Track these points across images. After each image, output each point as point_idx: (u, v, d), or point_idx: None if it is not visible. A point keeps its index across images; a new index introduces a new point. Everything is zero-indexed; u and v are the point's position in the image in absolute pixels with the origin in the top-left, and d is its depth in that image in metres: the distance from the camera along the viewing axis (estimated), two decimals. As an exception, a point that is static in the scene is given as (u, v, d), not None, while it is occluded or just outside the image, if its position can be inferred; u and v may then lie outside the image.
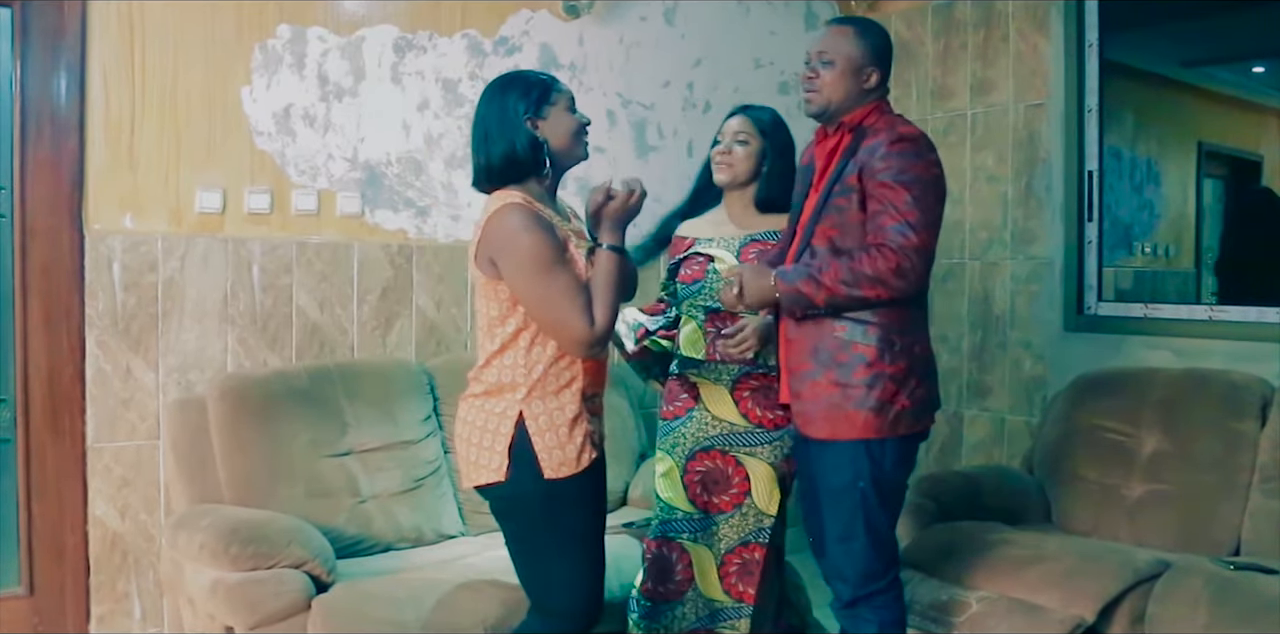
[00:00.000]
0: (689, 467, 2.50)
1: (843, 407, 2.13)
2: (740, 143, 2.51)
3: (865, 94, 2.20)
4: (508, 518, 2.10)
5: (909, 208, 2.06)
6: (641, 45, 3.80)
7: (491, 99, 2.07)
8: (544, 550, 2.07)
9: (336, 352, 3.22)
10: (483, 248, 2.00)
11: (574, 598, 2.08)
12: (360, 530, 2.82)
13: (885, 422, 2.12)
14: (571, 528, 2.06)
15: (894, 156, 2.09)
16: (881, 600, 2.22)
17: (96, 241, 2.88)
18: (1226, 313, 3.13)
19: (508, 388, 2.02)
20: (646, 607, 2.51)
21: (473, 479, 2.07)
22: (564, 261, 1.98)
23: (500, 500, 2.09)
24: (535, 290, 1.96)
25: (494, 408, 2.03)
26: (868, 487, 2.15)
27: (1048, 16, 3.55)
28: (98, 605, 2.91)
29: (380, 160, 3.30)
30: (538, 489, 2.01)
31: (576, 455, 2.03)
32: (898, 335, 2.13)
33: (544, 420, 2.01)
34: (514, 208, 1.98)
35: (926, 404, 2.18)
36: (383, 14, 3.29)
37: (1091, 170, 3.46)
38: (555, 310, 1.96)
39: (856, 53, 2.18)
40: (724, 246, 2.52)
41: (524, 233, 1.94)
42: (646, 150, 3.82)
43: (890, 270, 2.05)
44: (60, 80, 2.82)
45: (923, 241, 2.06)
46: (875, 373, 2.11)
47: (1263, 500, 2.67)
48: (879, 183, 2.09)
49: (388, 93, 3.31)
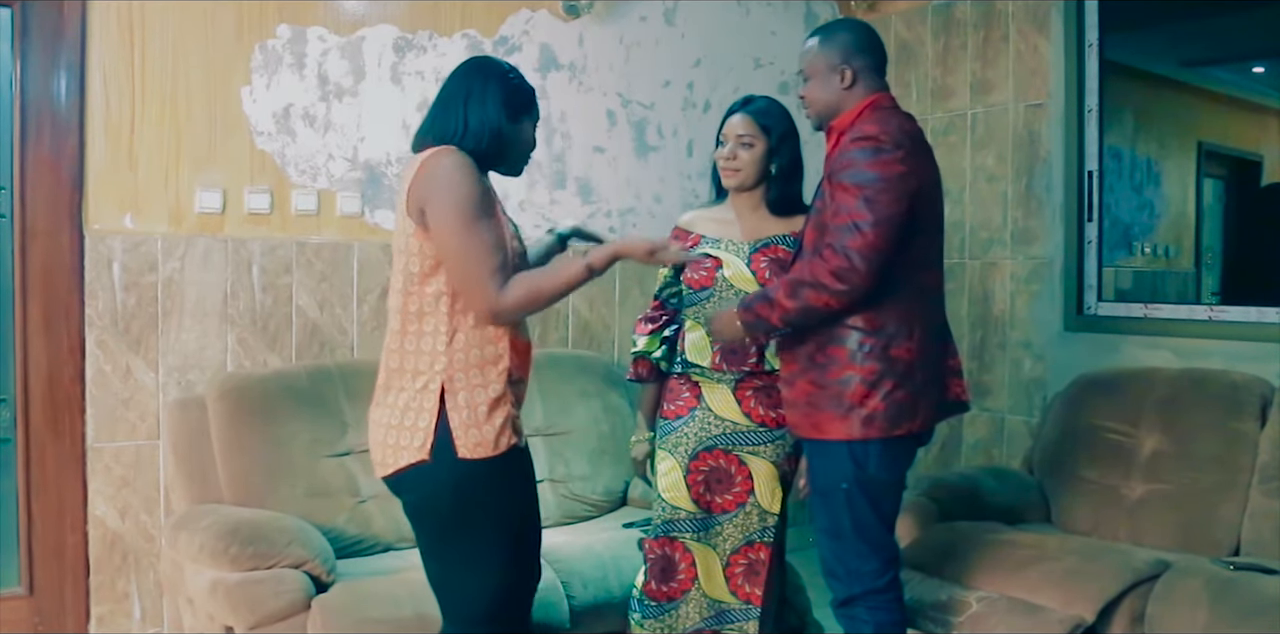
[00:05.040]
0: (692, 466, 2.50)
1: (818, 407, 2.16)
2: (745, 146, 2.45)
3: (849, 93, 2.21)
4: (424, 515, 1.95)
5: (858, 209, 2.04)
6: (641, 45, 3.80)
7: (473, 77, 2.00)
8: (456, 543, 1.92)
9: (336, 351, 3.22)
10: (414, 194, 1.89)
11: (486, 603, 1.94)
12: (360, 530, 2.82)
13: (854, 423, 2.12)
14: (485, 520, 1.91)
15: (850, 156, 2.09)
16: (877, 601, 2.22)
17: (96, 242, 2.88)
18: (1226, 313, 3.13)
19: (425, 362, 1.90)
20: (650, 606, 2.51)
21: (389, 465, 1.92)
22: (492, 216, 1.90)
23: (417, 491, 1.93)
24: (458, 238, 1.85)
25: (414, 385, 1.91)
26: (852, 488, 2.16)
27: (1048, 16, 3.55)
28: (97, 605, 2.91)
29: (380, 160, 3.30)
30: (453, 471, 1.87)
31: (495, 437, 1.90)
32: (871, 337, 2.12)
33: (463, 397, 1.89)
34: (451, 152, 1.90)
35: (906, 407, 2.13)
36: (382, 14, 3.29)
37: (1091, 170, 3.46)
38: (472, 265, 1.85)
39: (821, 58, 2.22)
40: (732, 251, 2.47)
41: (459, 174, 1.86)
42: (646, 150, 3.82)
43: (828, 272, 2.04)
44: (60, 80, 2.82)
45: (868, 242, 2.03)
46: (847, 374, 2.12)
47: (1262, 500, 2.67)
48: (836, 184, 2.10)
49: (388, 93, 3.31)
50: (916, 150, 2.14)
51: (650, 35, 3.81)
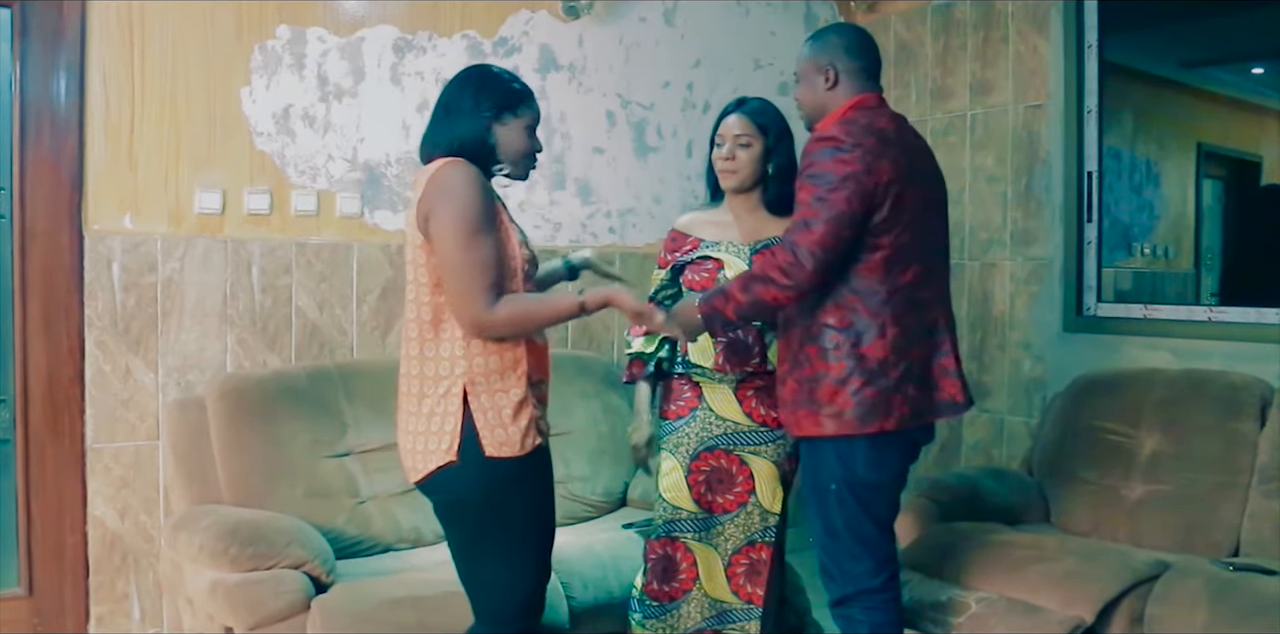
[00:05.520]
0: (693, 466, 2.50)
1: (798, 404, 2.21)
2: (743, 146, 2.46)
3: (831, 95, 2.24)
4: (455, 515, 2.01)
5: (810, 206, 2.09)
6: (641, 46, 3.80)
7: (465, 84, 2.04)
8: (487, 542, 1.97)
9: (336, 352, 3.22)
10: (422, 206, 1.93)
11: (519, 600, 2.01)
12: (360, 531, 2.82)
13: (825, 420, 2.16)
14: (514, 518, 1.97)
15: (811, 156, 2.14)
16: (873, 601, 2.23)
17: (96, 242, 2.88)
18: (1226, 314, 3.13)
19: (446, 368, 1.95)
20: (652, 606, 2.51)
21: (420, 470, 1.97)
22: (493, 232, 1.92)
23: (448, 491, 1.98)
24: (455, 252, 1.88)
25: (437, 391, 1.95)
26: (841, 488, 2.19)
27: (1047, 17, 3.55)
28: (97, 606, 2.91)
29: (380, 161, 3.30)
30: (482, 470, 1.92)
31: (520, 437, 1.94)
32: (841, 335, 2.15)
33: (486, 400, 1.94)
34: (460, 165, 1.94)
35: (877, 405, 2.13)
36: (382, 14, 3.29)
37: (1091, 171, 3.46)
38: (465, 278, 1.89)
39: (806, 61, 2.29)
40: (732, 253, 2.48)
41: (465, 187, 1.90)
42: (646, 151, 3.82)
43: (776, 267, 2.09)
44: (60, 80, 2.82)
45: (815, 239, 2.07)
46: (819, 371, 2.17)
47: (1262, 501, 2.67)
48: (799, 183, 2.15)
49: (387, 93, 3.31)
50: (881, 149, 2.12)
51: (650, 36, 3.82)
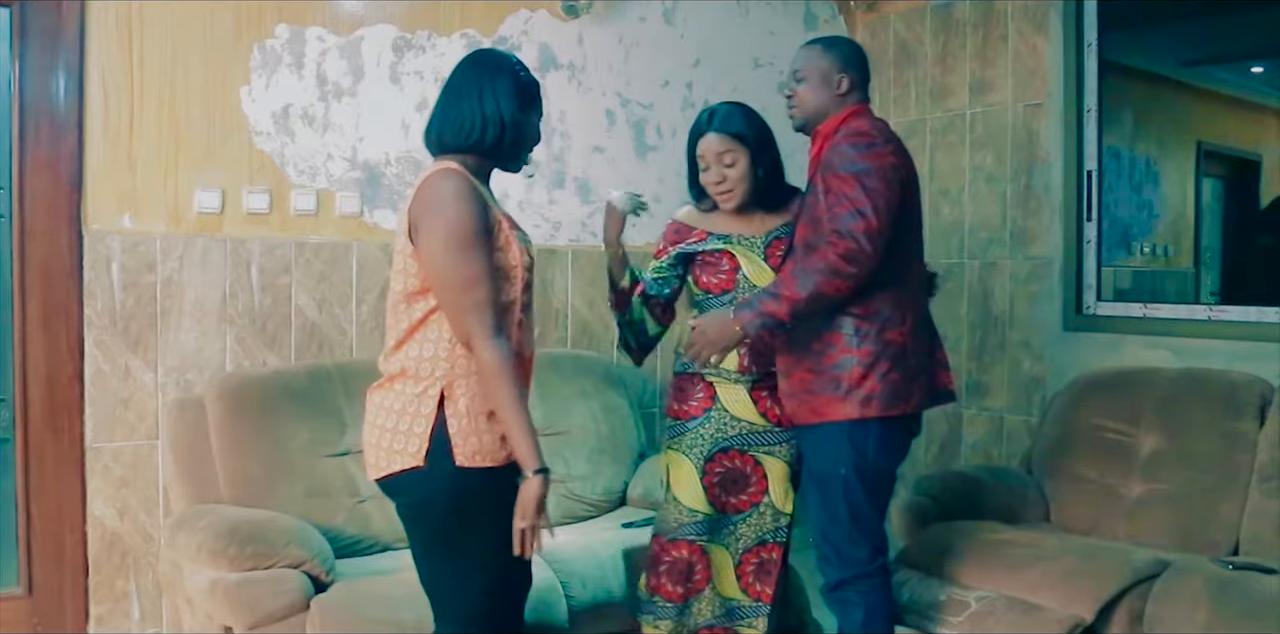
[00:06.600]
0: (707, 468, 2.49)
1: (815, 391, 2.25)
2: (728, 166, 2.44)
3: (841, 100, 2.33)
4: (418, 519, 1.92)
5: (859, 195, 2.14)
6: (641, 45, 3.80)
7: (487, 70, 1.95)
8: (449, 549, 1.89)
9: (335, 351, 3.22)
10: (412, 213, 1.86)
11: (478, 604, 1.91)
12: (359, 530, 2.82)
13: (853, 404, 2.21)
14: (480, 528, 1.87)
15: (845, 149, 2.20)
16: (868, 585, 2.31)
17: (95, 242, 2.88)
18: (1226, 312, 3.13)
19: (426, 368, 1.87)
20: (665, 607, 2.51)
21: (383, 468, 1.88)
22: (485, 246, 1.84)
23: (412, 495, 1.90)
24: (445, 268, 1.81)
25: (413, 389, 1.87)
26: (850, 473, 2.25)
27: (1047, 16, 3.55)
28: (96, 605, 2.90)
29: (379, 160, 3.30)
30: (450, 479, 1.83)
31: (496, 446, 1.86)
32: (866, 322, 2.23)
33: (464, 404, 1.85)
34: (452, 174, 1.85)
35: (901, 388, 2.24)
36: (381, 14, 3.29)
37: (1091, 170, 3.46)
38: (457, 296, 1.81)
39: (824, 63, 2.34)
40: (746, 246, 2.47)
41: (453, 201, 1.81)
42: (645, 150, 3.82)
43: (839, 256, 2.12)
44: (59, 80, 2.82)
45: (872, 226, 2.12)
46: (843, 357, 2.23)
47: (1261, 500, 2.67)
48: (832, 175, 2.19)
49: (386, 92, 3.31)
50: (900, 148, 2.29)
51: (649, 35, 3.81)
